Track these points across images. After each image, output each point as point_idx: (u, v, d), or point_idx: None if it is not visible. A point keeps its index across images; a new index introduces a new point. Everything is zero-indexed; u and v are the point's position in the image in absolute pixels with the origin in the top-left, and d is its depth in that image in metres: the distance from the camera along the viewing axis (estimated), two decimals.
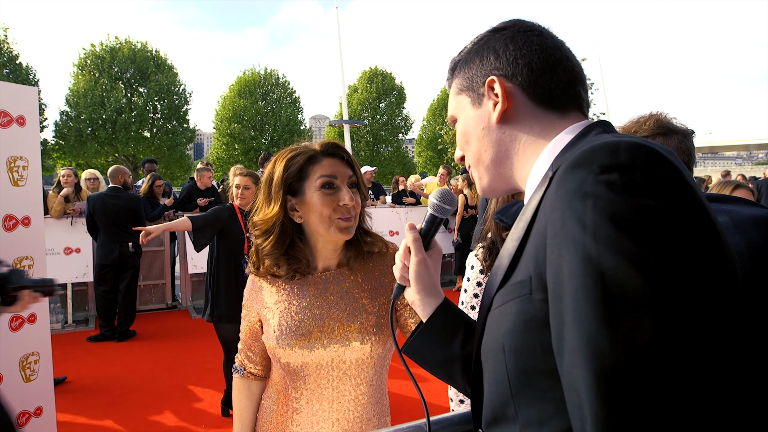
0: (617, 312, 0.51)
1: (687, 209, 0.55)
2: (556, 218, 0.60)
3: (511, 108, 0.81)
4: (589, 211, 0.55)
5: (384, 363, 1.45)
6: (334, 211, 1.33)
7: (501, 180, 0.86)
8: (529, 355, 0.66)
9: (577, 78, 0.83)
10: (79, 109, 27.59)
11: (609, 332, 0.51)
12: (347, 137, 14.18)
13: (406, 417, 3.68)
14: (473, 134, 0.86)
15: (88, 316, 6.84)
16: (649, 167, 0.56)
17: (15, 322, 2.72)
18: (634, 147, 0.58)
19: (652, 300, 0.50)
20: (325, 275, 1.43)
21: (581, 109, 0.83)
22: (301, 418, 1.40)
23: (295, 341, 1.35)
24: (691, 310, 0.50)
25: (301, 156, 1.37)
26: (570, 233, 0.57)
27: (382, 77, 36.27)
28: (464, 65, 0.88)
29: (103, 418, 4.03)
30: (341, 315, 1.38)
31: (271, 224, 1.37)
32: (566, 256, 0.56)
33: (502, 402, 0.72)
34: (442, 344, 0.95)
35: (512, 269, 0.72)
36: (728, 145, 16.70)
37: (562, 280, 0.57)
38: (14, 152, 2.70)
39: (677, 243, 0.52)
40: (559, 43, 0.83)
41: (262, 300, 1.46)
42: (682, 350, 0.49)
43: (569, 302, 0.55)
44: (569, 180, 0.60)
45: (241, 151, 32.17)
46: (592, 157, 0.59)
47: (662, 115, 1.43)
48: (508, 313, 0.69)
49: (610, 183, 0.56)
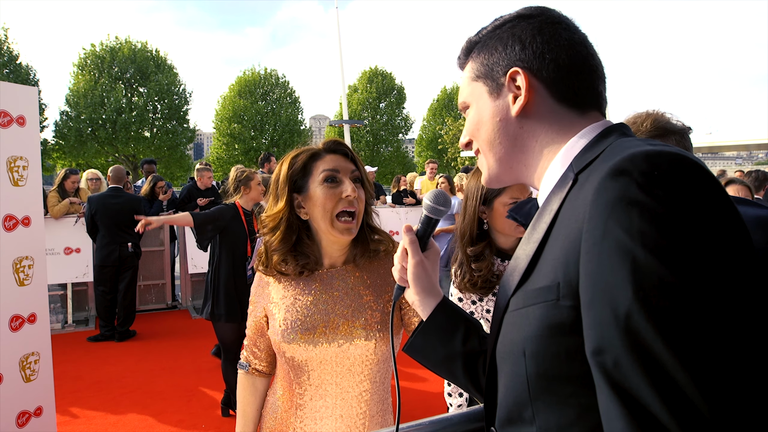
0: (671, 325, 0.51)
1: (728, 219, 0.55)
2: (596, 226, 0.59)
3: (532, 103, 0.79)
4: (636, 219, 0.54)
5: (388, 360, 1.45)
6: (337, 203, 1.35)
7: (511, 173, 0.85)
8: (552, 361, 0.65)
9: (600, 77, 0.81)
10: (79, 109, 27.62)
11: (663, 344, 0.51)
12: (347, 137, 14.19)
13: (406, 417, 3.68)
14: (487, 124, 0.83)
15: (88, 316, 6.84)
16: (691, 177, 0.56)
17: (15, 322, 2.72)
18: (675, 157, 0.58)
19: (705, 308, 0.51)
20: (330, 272, 1.45)
21: (600, 108, 0.82)
22: (305, 413, 1.41)
23: (300, 336, 1.36)
24: (737, 320, 0.51)
25: (304, 154, 1.42)
26: (615, 242, 0.56)
27: (382, 77, 36.29)
28: (483, 49, 0.84)
29: (103, 418, 4.03)
30: (346, 311, 1.39)
31: (277, 220, 1.41)
32: (610, 266, 0.56)
33: (518, 404, 0.71)
34: (443, 342, 0.96)
35: (530, 271, 0.71)
36: (728, 145, 16.60)
37: (604, 290, 0.56)
38: (14, 152, 2.69)
39: (721, 254, 0.53)
40: (584, 39, 0.81)
41: (269, 295, 1.48)
42: (744, 366, 0.50)
43: (617, 313, 0.54)
44: (611, 188, 0.58)
45: (241, 151, 32.19)
46: (633, 165, 0.58)
47: (659, 115, 1.42)
48: (530, 318, 0.69)
49: (653, 191, 0.55)
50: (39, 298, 2.84)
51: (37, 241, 2.83)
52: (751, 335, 0.51)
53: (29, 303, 2.78)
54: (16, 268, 2.73)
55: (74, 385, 4.64)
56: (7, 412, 2.67)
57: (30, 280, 2.79)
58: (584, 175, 0.69)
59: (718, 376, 0.49)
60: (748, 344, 0.50)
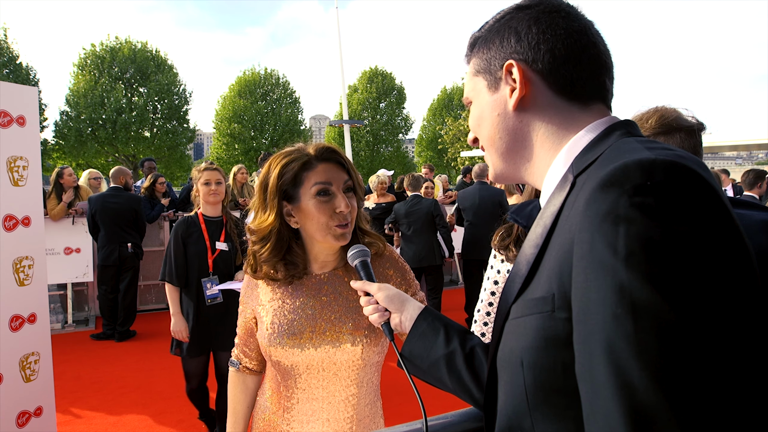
0: (649, 346, 0.49)
1: (723, 233, 0.52)
2: (584, 240, 0.57)
3: (529, 95, 0.77)
4: (622, 236, 0.52)
5: (376, 365, 1.45)
6: (331, 218, 1.32)
7: (514, 170, 0.83)
8: (549, 373, 0.64)
9: (603, 67, 0.77)
10: (79, 109, 27.59)
11: (640, 366, 0.49)
12: (347, 137, 14.18)
13: (405, 417, 3.68)
14: (488, 119, 0.82)
15: (88, 316, 6.84)
16: (686, 189, 0.53)
17: (15, 322, 2.72)
18: (670, 166, 0.54)
19: (687, 334, 0.48)
20: (319, 276, 1.44)
21: (605, 101, 0.78)
22: (292, 416, 1.41)
23: (286, 340, 1.36)
24: (728, 344, 0.48)
25: (296, 162, 1.35)
26: (599, 258, 0.54)
27: (382, 77, 36.26)
28: (483, 44, 0.83)
29: (103, 418, 4.03)
30: (333, 316, 1.38)
31: (267, 232, 1.37)
32: (595, 282, 0.54)
33: (518, 413, 0.70)
34: (427, 347, 1.00)
35: (530, 278, 0.70)
36: (728, 145, 16.44)
37: (590, 307, 0.54)
38: (14, 152, 2.69)
39: (714, 273, 0.50)
40: (586, 26, 0.77)
41: (258, 297, 1.47)
42: (719, 388, 0.47)
43: (599, 332, 0.52)
44: (600, 200, 0.56)
45: (241, 151, 32.17)
46: (625, 176, 0.55)
47: (667, 111, 1.36)
48: (528, 328, 0.67)
49: (644, 206, 0.52)
50: (39, 298, 2.84)
51: (37, 241, 2.83)
52: (733, 369, 0.48)
53: (29, 303, 2.78)
54: (16, 268, 2.73)
55: (74, 385, 4.64)
56: (7, 412, 2.67)
57: (30, 280, 2.79)
58: (582, 178, 0.67)
59: (698, 408, 0.47)
60: (728, 378, 0.48)
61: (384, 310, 1.11)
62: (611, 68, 0.79)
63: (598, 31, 0.78)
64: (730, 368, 0.48)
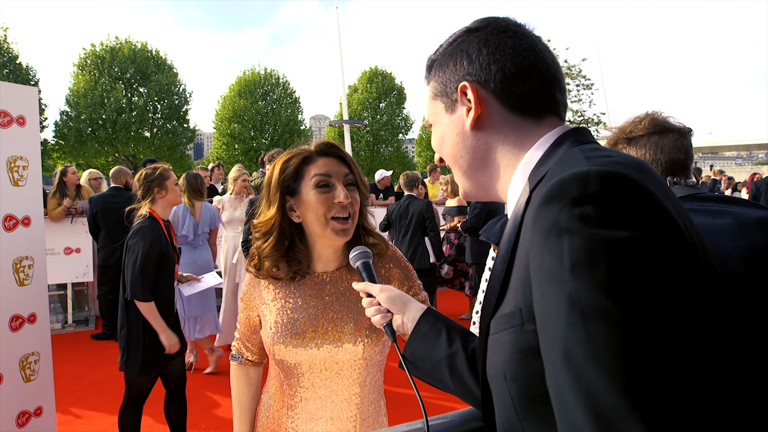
0: (602, 349, 0.51)
1: (661, 234, 0.55)
2: (535, 255, 0.60)
3: (485, 115, 0.80)
4: (566, 248, 0.55)
5: (378, 364, 1.46)
6: (330, 209, 1.34)
7: (480, 187, 0.86)
8: (529, 383, 0.67)
9: (552, 80, 0.80)
10: (79, 109, 27.61)
11: (596, 370, 0.51)
12: (347, 137, 14.19)
13: (406, 417, 3.68)
14: (448, 139, 0.86)
15: (88, 316, 6.84)
16: (621, 196, 0.56)
17: (15, 322, 2.72)
18: (604, 176, 0.58)
19: (636, 334, 0.50)
20: (322, 276, 1.44)
21: (557, 113, 0.82)
22: (296, 414, 1.42)
23: (289, 340, 1.37)
24: (676, 340, 0.50)
25: (296, 157, 1.39)
26: (549, 271, 0.57)
27: (382, 77, 36.26)
28: (438, 68, 0.87)
29: (103, 418, 4.03)
30: (335, 316, 1.39)
31: (270, 226, 1.40)
32: (548, 294, 0.57)
33: (512, 424, 0.72)
34: (429, 348, 1.00)
35: (503, 294, 0.72)
36: (728, 145, 16.58)
37: (548, 318, 0.57)
38: (14, 152, 2.70)
39: (655, 272, 0.52)
40: (534, 43, 0.81)
41: (261, 295, 1.48)
42: (673, 383, 0.49)
43: (558, 340, 0.55)
44: (544, 216, 0.59)
45: (241, 151, 32.17)
46: (563, 190, 0.58)
47: (658, 114, 1.43)
48: (504, 342, 0.70)
49: (583, 216, 0.55)
50: (39, 298, 2.84)
51: (37, 241, 2.83)
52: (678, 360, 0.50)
53: (29, 303, 2.79)
54: (16, 268, 2.73)
55: (74, 385, 4.64)
56: (7, 412, 2.67)
57: (30, 280, 2.80)
58: (537, 192, 0.69)
59: (656, 404, 0.49)
60: (676, 367, 0.50)
61: (386, 311, 1.12)
62: (561, 80, 0.82)
63: (546, 46, 0.83)
64: (681, 362, 0.50)
